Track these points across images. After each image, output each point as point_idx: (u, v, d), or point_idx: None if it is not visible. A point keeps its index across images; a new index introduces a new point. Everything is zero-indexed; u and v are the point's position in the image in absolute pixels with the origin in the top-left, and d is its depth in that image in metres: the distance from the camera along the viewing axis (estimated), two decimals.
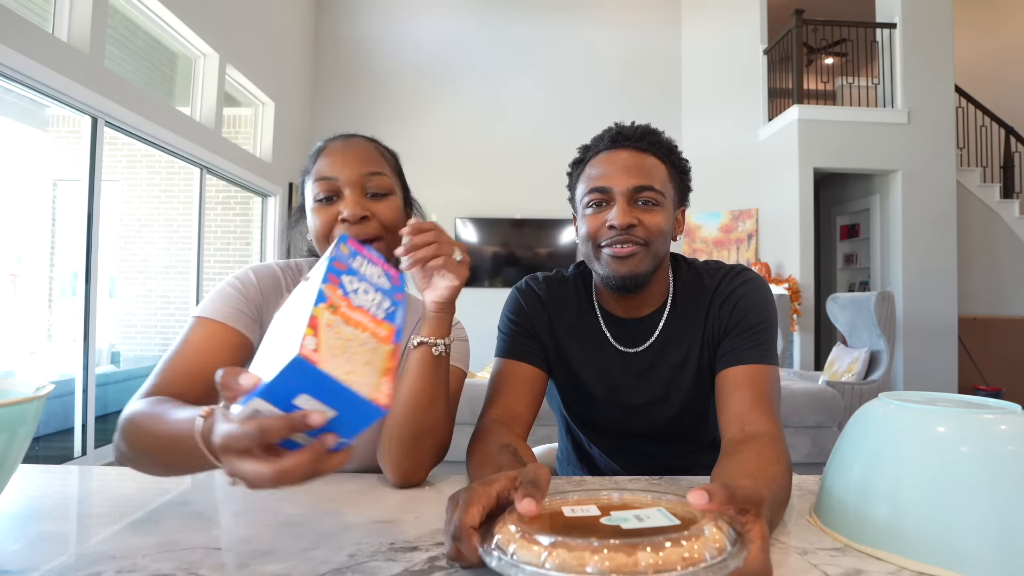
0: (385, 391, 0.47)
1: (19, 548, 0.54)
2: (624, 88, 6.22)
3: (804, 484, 0.77)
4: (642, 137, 0.87)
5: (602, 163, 0.87)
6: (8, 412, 0.54)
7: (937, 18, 5.03)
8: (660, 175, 0.86)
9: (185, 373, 0.72)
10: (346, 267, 0.54)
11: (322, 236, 0.80)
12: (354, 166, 0.82)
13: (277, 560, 0.52)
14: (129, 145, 3.89)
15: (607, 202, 0.86)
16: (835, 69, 6.79)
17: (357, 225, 0.79)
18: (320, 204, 0.81)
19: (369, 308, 0.53)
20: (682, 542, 0.41)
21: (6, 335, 4.80)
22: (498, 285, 6.12)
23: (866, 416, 0.61)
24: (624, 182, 0.84)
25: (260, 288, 0.82)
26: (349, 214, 0.78)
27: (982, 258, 5.41)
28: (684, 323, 0.91)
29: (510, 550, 0.43)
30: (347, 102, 6.22)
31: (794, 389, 2.55)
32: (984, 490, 0.50)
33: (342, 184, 0.81)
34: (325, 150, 0.84)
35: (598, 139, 0.91)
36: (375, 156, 0.86)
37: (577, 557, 0.40)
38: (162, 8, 3.67)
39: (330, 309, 0.49)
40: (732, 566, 0.40)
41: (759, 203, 5.45)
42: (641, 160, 0.86)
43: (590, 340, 0.94)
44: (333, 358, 0.46)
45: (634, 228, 0.83)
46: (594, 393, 0.93)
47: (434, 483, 0.78)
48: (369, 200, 0.81)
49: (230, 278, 0.83)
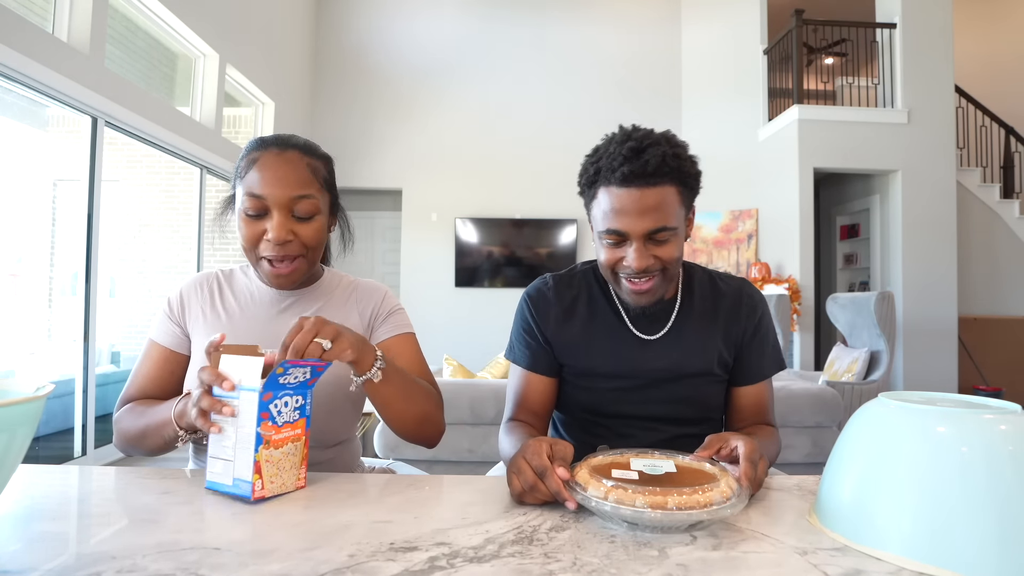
0: (303, 475, 0.72)
1: (19, 548, 0.54)
2: (624, 88, 6.22)
3: (804, 484, 0.77)
4: (655, 171, 0.84)
5: (615, 199, 0.86)
6: (8, 412, 0.54)
7: (937, 18, 5.02)
8: (673, 205, 0.87)
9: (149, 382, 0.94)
10: (271, 395, 0.68)
11: (248, 248, 0.90)
12: (284, 188, 0.87)
13: (277, 560, 0.52)
14: (129, 145, 3.89)
15: (622, 242, 0.89)
16: (835, 69, 6.79)
17: (279, 246, 0.87)
18: (249, 218, 0.88)
19: (291, 419, 0.70)
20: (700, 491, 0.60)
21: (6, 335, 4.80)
22: (498, 285, 6.12)
23: (866, 416, 0.61)
24: (639, 226, 0.85)
25: (182, 303, 0.96)
26: (274, 238, 0.86)
27: (982, 258, 5.41)
28: (699, 313, 1.00)
29: (596, 494, 0.61)
30: (347, 102, 6.22)
31: (794, 389, 2.55)
32: (984, 490, 0.50)
33: (271, 204, 0.87)
34: (259, 162, 0.88)
35: (610, 167, 0.86)
36: (306, 177, 0.89)
37: (629, 496, 0.59)
38: (162, 8, 3.67)
39: (266, 447, 0.67)
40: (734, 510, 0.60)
41: (759, 203, 5.45)
42: (654, 197, 0.85)
43: (607, 327, 1.00)
44: (272, 483, 0.68)
45: (651, 264, 0.88)
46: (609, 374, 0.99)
47: (434, 484, 0.78)
48: (295, 222, 0.88)
49: (164, 301, 0.98)
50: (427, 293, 6.07)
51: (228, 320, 0.95)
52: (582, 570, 0.51)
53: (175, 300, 0.96)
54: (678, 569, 0.52)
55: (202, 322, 0.95)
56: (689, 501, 0.58)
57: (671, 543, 0.57)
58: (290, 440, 0.69)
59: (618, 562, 0.53)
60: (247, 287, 0.99)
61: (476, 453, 2.45)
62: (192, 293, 0.97)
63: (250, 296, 0.97)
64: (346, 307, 0.99)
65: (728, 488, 0.62)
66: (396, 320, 1.00)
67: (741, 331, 1.00)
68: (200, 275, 1.00)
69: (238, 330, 0.93)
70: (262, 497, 0.66)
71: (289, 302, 0.97)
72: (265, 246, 0.87)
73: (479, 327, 5.99)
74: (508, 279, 6.10)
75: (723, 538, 0.59)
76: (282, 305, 0.97)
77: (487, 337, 5.84)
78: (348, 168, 6.06)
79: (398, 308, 1.01)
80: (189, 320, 0.95)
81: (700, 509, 0.58)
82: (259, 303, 0.97)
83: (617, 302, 1.01)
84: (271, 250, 0.87)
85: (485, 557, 0.54)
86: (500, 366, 2.89)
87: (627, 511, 0.58)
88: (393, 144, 6.20)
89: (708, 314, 0.99)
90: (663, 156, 0.84)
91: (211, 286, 0.98)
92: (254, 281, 0.99)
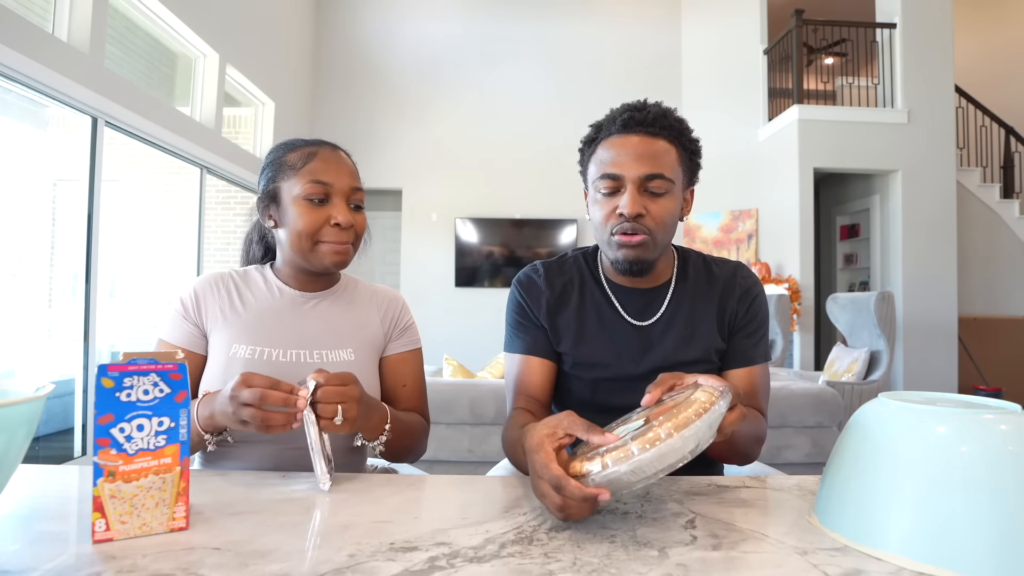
0: (181, 514, 0.59)
1: (19, 548, 0.54)
2: (624, 88, 6.20)
3: (804, 484, 0.77)
4: (654, 121, 0.87)
5: (614, 147, 0.89)
6: (8, 412, 0.54)
7: (937, 18, 5.02)
8: (671, 160, 0.88)
9: None
10: (111, 418, 0.56)
11: (306, 234, 0.90)
12: (346, 178, 0.93)
13: (277, 560, 0.52)
14: (129, 145, 3.88)
15: (618, 189, 0.88)
16: (835, 69, 6.79)
17: (345, 230, 0.91)
18: (310, 204, 0.90)
19: (148, 446, 0.58)
20: (684, 407, 0.57)
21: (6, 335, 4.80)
22: (498, 285, 6.12)
23: (866, 416, 0.61)
24: (635, 170, 0.86)
25: (197, 302, 0.94)
26: (343, 221, 0.90)
27: (982, 258, 5.40)
28: (693, 298, 0.97)
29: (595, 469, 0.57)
30: (347, 102, 6.22)
31: (794, 389, 2.54)
32: (984, 490, 0.50)
33: (334, 191, 0.91)
34: (318, 155, 0.93)
35: (611, 120, 0.91)
36: (357, 173, 0.97)
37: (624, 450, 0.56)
38: (162, 8, 3.67)
39: (108, 479, 0.56)
40: (726, 400, 0.59)
41: (759, 203, 5.44)
42: (652, 145, 0.87)
43: (598, 312, 0.97)
44: (125, 525, 0.56)
45: (642, 217, 0.87)
46: (602, 362, 0.96)
47: (434, 484, 0.78)
48: (352, 211, 0.93)
49: (175, 300, 0.94)
50: (427, 293, 6.07)
51: (251, 319, 0.93)
52: (582, 570, 0.51)
53: (189, 299, 0.94)
54: (678, 569, 0.52)
55: (222, 321, 0.93)
56: (681, 420, 0.56)
57: (671, 543, 0.57)
58: (151, 472, 0.58)
59: (618, 562, 0.53)
60: (266, 287, 0.97)
61: (476, 453, 2.45)
62: (207, 292, 0.95)
63: (271, 296, 0.96)
64: (368, 310, 1.00)
65: (706, 393, 0.59)
66: (411, 335, 1.03)
67: (733, 313, 0.97)
68: (213, 274, 0.98)
69: (261, 329, 0.92)
70: (107, 540, 0.55)
71: (314, 302, 0.97)
72: (328, 231, 0.90)
73: (479, 327, 5.99)
74: (508, 279, 6.10)
75: (723, 538, 0.58)
76: (307, 305, 0.96)
77: (487, 337, 5.85)
78: None
79: (412, 322, 1.05)
80: (207, 319, 0.93)
81: (697, 419, 0.55)
82: (280, 303, 0.96)
83: (608, 289, 0.98)
84: (335, 235, 0.90)
85: (485, 557, 0.54)
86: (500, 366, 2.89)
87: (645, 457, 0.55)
88: (393, 144, 6.20)
89: (702, 298, 0.97)
90: (664, 111, 0.89)
91: (227, 285, 0.96)
92: (272, 282, 0.98)
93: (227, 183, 4.91)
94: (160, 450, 0.58)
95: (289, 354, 0.91)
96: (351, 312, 0.99)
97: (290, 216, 0.91)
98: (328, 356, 0.93)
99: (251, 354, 0.89)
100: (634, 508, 0.68)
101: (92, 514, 0.55)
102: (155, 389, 0.58)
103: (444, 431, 2.45)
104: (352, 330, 0.97)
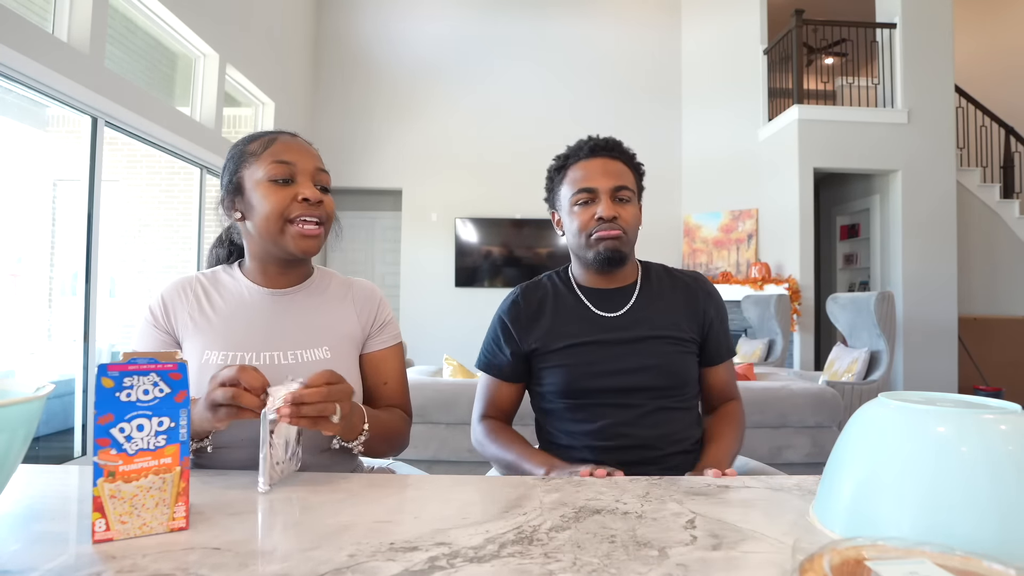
0: (181, 514, 0.59)
1: (19, 548, 0.54)
2: (624, 88, 6.22)
3: (804, 484, 0.77)
4: (613, 148, 1.11)
5: (585, 168, 1.09)
6: (8, 412, 0.54)
7: (937, 18, 5.02)
8: (630, 178, 1.11)
9: None
10: (111, 418, 0.56)
11: (274, 215, 0.88)
12: (308, 158, 0.92)
13: (277, 560, 0.52)
14: (129, 145, 3.89)
15: (592, 200, 1.08)
16: (835, 69, 6.79)
17: (313, 207, 0.89)
18: (275, 184, 0.89)
19: (148, 446, 0.58)
20: None
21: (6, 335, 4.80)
22: (498, 285, 6.11)
23: (866, 416, 0.61)
24: (606, 183, 1.07)
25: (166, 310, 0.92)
26: (311, 195, 0.88)
27: (982, 258, 5.40)
28: (658, 294, 1.13)
29: None
30: (347, 102, 6.22)
31: (794, 389, 2.54)
32: (984, 490, 0.50)
33: (298, 171, 0.90)
34: (278, 140, 0.93)
35: (577, 149, 1.12)
36: (320, 156, 0.97)
37: None
38: (162, 8, 3.67)
39: (108, 479, 0.56)
40: None
41: (759, 203, 5.44)
42: (616, 166, 1.10)
43: (574, 313, 1.12)
44: (125, 525, 0.56)
45: (616, 219, 1.06)
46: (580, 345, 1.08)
47: (434, 484, 0.78)
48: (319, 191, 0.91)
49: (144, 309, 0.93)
50: (427, 293, 6.06)
51: (221, 323, 0.91)
52: (582, 570, 0.51)
53: (158, 307, 0.92)
54: (678, 569, 0.52)
55: (192, 328, 0.91)
56: None
57: (671, 543, 0.57)
58: (151, 472, 0.58)
59: (618, 562, 0.53)
60: (235, 288, 0.95)
61: (476, 453, 2.44)
62: (175, 299, 0.93)
63: (240, 297, 0.94)
64: (344, 305, 0.98)
65: None
66: (391, 330, 1.03)
67: (703, 313, 1.12)
68: (178, 280, 0.95)
69: (232, 333, 0.90)
70: (107, 540, 0.56)
71: (286, 299, 0.95)
72: (297, 207, 0.88)
73: (479, 327, 5.93)
74: (508, 279, 6.10)
75: (723, 538, 0.58)
76: (278, 303, 0.94)
77: None
78: (348, 168, 6.06)
79: (392, 317, 1.04)
80: (178, 326, 0.91)
81: None
82: (251, 304, 0.93)
83: (580, 292, 1.13)
84: (304, 210, 0.88)
85: (485, 557, 0.54)
86: None
87: None
88: (393, 144, 6.20)
89: (666, 295, 1.13)
90: (619, 142, 1.13)
91: (195, 290, 0.94)
92: (242, 281, 0.95)
93: None
94: (160, 450, 0.58)
95: (263, 356, 0.89)
96: (326, 308, 0.96)
97: (255, 200, 0.89)
98: (304, 356, 0.90)
99: (224, 359, 0.87)
100: (634, 508, 0.68)
101: (92, 514, 0.55)
102: (155, 389, 0.58)
103: (444, 431, 2.44)
104: (327, 327, 0.95)
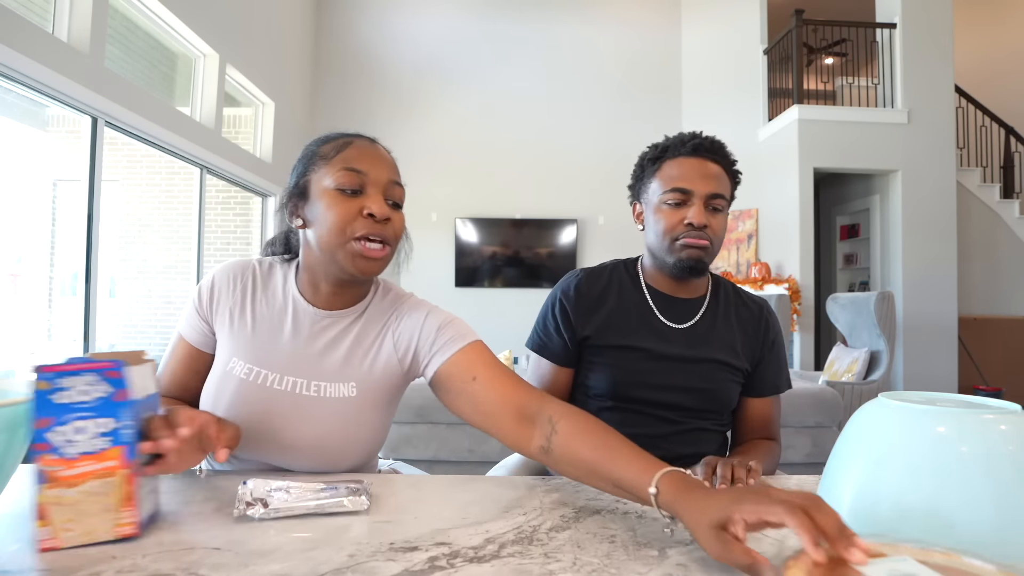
0: (128, 519, 0.56)
1: (19, 548, 0.54)
2: (624, 88, 6.22)
3: (804, 484, 0.77)
4: (718, 151, 1.02)
5: (683, 166, 1.01)
6: (8, 412, 0.54)
7: (937, 18, 5.02)
8: (726, 185, 1.03)
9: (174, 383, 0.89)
10: (50, 421, 0.54)
11: (337, 228, 0.78)
12: (383, 169, 0.83)
13: (277, 560, 0.52)
14: (129, 145, 3.89)
15: (685, 202, 1.00)
16: (835, 69, 6.79)
17: (378, 224, 0.79)
18: (342, 195, 0.79)
19: (89, 449, 0.55)
20: None
21: (6, 335, 4.80)
22: (498, 285, 6.11)
23: (866, 416, 0.61)
24: (703, 187, 0.99)
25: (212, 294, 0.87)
26: (378, 212, 0.78)
27: (982, 258, 5.40)
28: (725, 314, 1.07)
29: None
30: (347, 102, 6.22)
31: (794, 389, 2.54)
32: (984, 490, 0.50)
33: (369, 181, 0.81)
34: (353, 145, 0.84)
35: (678, 143, 1.03)
36: (397, 167, 0.88)
37: None
38: (162, 8, 3.67)
39: (51, 485, 0.53)
40: None
41: (759, 203, 5.44)
42: (715, 170, 1.01)
43: (636, 312, 1.06)
44: (68, 532, 0.54)
45: (706, 228, 0.99)
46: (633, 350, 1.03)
47: (434, 484, 0.78)
48: (389, 207, 0.81)
49: (195, 289, 0.88)
50: (427, 293, 5.96)
51: (255, 332, 0.85)
52: (582, 570, 0.51)
53: (206, 290, 0.86)
54: (678, 569, 0.52)
55: (227, 327, 0.85)
56: None
57: (671, 543, 0.57)
58: (93, 476, 0.54)
59: (618, 562, 0.53)
60: (282, 296, 0.87)
61: (476, 453, 2.45)
62: (224, 285, 0.87)
63: (283, 308, 0.86)
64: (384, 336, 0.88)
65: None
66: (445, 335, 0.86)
67: (759, 344, 1.07)
68: (235, 264, 0.89)
69: (262, 346, 0.84)
70: (53, 548, 0.53)
71: (327, 323, 0.86)
72: (362, 224, 0.78)
73: (479, 327, 5.88)
74: (508, 279, 6.10)
75: None
76: (318, 326, 0.86)
77: (488, 337, 5.77)
78: None
79: (448, 322, 0.88)
80: (216, 317, 0.86)
81: None
82: (291, 319, 0.86)
83: (647, 294, 1.07)
84: (369, 227, 0.78)
85: (485, 557, 0.54)
86: None
87: None
88: (393, 144, 6.06)
89: (731, 318, 1.07)
90: (723, 143, 1.04)
91: (245, 282, 0.87)
92: (291, 291, 0.87)
93: (227, 183, 4.91)
94: (103, 452, 0.55)
95: (286, 381, 0.82)
96: (365, 339, 0.87)
97: (319, 210, 0.80)
98: (326, 390, 0.83)
99: (246, 374, 0.82)
100: (634, 508, 0.68)
101: (37, 522, 0.53)
102: (94, 389, 0.55)
103: (444, 431, 2.44)
104: (361, 361, 0.86)
